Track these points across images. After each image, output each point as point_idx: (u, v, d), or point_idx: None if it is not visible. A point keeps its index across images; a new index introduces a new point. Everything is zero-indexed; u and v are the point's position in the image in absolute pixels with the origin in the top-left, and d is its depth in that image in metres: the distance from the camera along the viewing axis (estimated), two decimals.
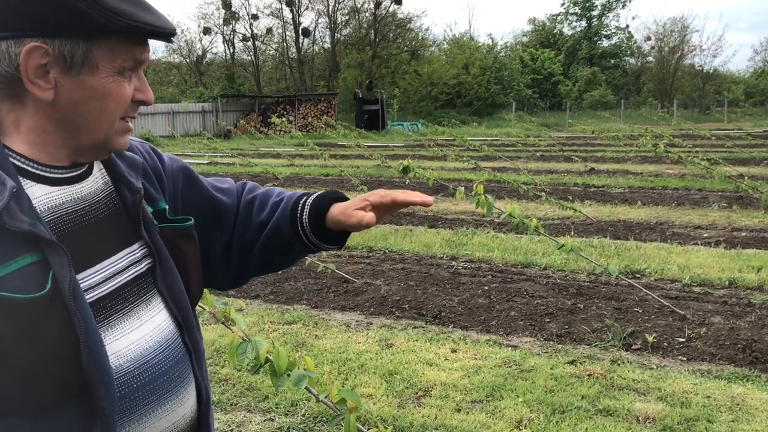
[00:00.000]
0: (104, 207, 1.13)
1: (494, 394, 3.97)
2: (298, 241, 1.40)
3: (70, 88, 1.02)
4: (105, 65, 1.03)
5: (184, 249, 1.24)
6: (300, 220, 1.39)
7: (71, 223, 1.07)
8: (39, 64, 1.00)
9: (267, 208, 1.43)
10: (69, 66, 1.01)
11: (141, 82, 1.10)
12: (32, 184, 1.04)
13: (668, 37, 50.72)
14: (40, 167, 1.06)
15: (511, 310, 5.47)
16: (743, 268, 6.36)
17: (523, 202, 10.50)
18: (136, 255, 1.15)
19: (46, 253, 0.98)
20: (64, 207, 1.07)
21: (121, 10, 1.00)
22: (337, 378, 4.22)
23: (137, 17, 1.01)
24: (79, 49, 1.01)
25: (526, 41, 58.85)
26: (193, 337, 1.22)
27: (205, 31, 47.61)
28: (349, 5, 46.89)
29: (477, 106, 44.04)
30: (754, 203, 9.80)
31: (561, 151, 19.56)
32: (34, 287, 0.96)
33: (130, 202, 1.16)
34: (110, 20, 0.99)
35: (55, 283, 0.97)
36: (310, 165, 17.84)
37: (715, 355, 4.53)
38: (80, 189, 1.10)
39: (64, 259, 0.99)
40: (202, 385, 1.23)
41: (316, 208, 1.39)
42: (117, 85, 1.05)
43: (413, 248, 7.62)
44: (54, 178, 1.07)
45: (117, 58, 1.04)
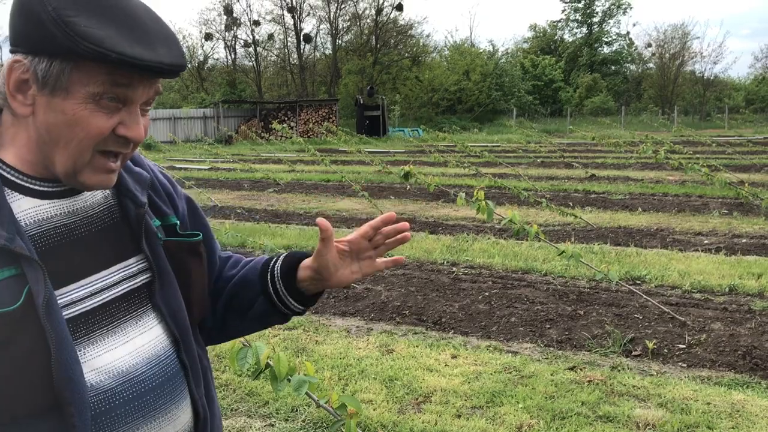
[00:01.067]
0: (99, 221, 1.12)
1: (494, 400, 3.97)
2: (263, 295, 1.33)
3: (44, 108, 1.00)
4: (78, 90, 0.99)
5: (187, 264, 1.22)
6: (271, 271, 1.32)
7: (59, 236, 1.06)
8: (21, 78, 1.00)
9: (239, 265, 1.40)
10: (42, 85, 0.99)
11: (131, 117, 1.03)
12: (20, 196, 1.04)
13: (669, 44, 50.85)
14: (30, 180, 1.06)
15: (512, 316, 5.47)
16: (744, 275, 6.36)
17: (524, 209, 10.50)
18: (132, 269, 1.13)
19: (24, 267, 0.98)
20: (52, 220, 1.06)
21: (90, 35, 0.95)
22: (337, 384, 4.22)
23: (107, 44, 0.95)
24: (52, 68, 0.98)
25: (527, 48, 58.96)
26: (190, 354, 1.19)
27: (206, 37, 47.79)
28: (350, 11, 47.08)
29: (478, 113, 44.12)
30: (755, 210, 9.81)
31: (562, 157, 19.58)
32: (8, 301, 0.96)
33: (134, 215, 1.15)
34: (75, 44, 0.95)
35: (29, 298, 0.97)
36: (311, 171, 17.86)
37: (715, 361, 4.53)
38: (72, 203, 1.10)
39: (39, 274, 0.98)
40: (198, 404, 1.20)
41: (290, 258, 1.32)
42: (89, 114, 1.00)
43: (414, 254, 7.62)
44: (44, 191, 1.07)
45: (91, 84, 0.99)
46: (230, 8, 46.76)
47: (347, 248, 1.28)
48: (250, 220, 10.53)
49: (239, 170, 18.14)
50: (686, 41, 50.15)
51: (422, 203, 11.77)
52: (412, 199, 12.21)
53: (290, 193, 13.64)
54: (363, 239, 1.28)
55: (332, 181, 14.96)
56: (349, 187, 12.62)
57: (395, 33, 47.65)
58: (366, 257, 1.30)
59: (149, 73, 1.01)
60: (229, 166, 19.59)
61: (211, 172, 18.22)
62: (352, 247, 1.29)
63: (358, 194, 10.65)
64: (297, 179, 15.84)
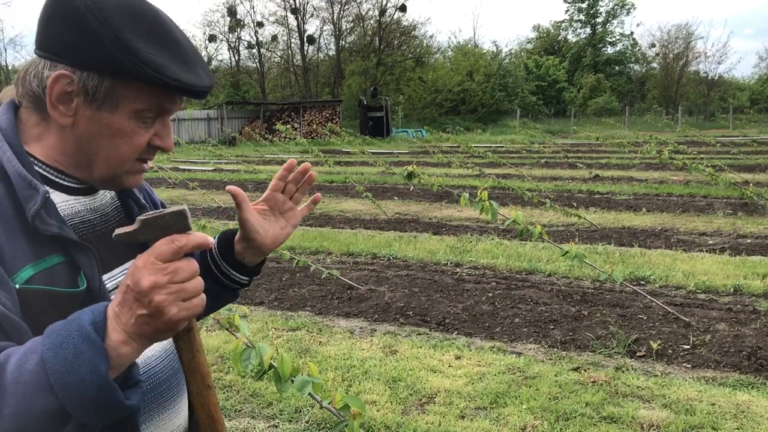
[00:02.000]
0: (113, 219, 1.18)
1: (498, 400, 3.96)
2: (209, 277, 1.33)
3: (88, 120, 1.04)
4: (126, 106, 1.04)
5: None
6: (210, 253, 1.35)
7: (86, 230, 1.11)
8: (64, 90, 1.03)
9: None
10: (91, 99, 1.03)
11: (164, 128, 1.11)
12: (52, 191, 1.07)
13: (673, 44, 50.79)
14: (59, 176, 1.09)
15: (516, 317, 5.47)
16: (748, 275, 6.34)
17: (528, 209, 10.50)
18: None
19: (74, 254, 1.02)
20: (79, 215, 1.11)
21: (152, 62, 1.00)
22: (341, 384, 4.22)
23: (167, 71, 1.01)
24: (103, 85, 1.02)
25: (531, 48, 58.92)
26: None
27: (210, 38, 47.87)
28: (353, 13, 47.11)
29: (481, 113, 44.11)
30: (760, 210, 9.78)
31: (565, 157, 19.55)
32: (65, 285, 1.00)
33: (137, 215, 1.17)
34: (138, 70, 1.00)
35: (88, 282, 1.02)
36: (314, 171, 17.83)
37: (719, 362, 4.51)
38: (93, 200, 1.15)
39: (92, 259, 1.04)
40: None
41: (224, 236, 1.36)
42: (133, 129, 1.06)
43: (417, 255, 7.62)
44: (71, 187, 1.11)
45: (138, 102, 1.04)
46: (234, 10, 46.86)
47: (265, 206, 1.32)
48: None
49: (243, 171, 18.16)
50: (690, 41, 50.11)
51: (426, 204, 11.76)
52: (415, 200, 12.21)
53: None
54: (276, 193, 1.32)
55: (336, 182, 14.96)
56: (352, 188, 12.62)
57: (398, 34, 47.67)
58: (288, 209, 1.34)
59: (194, 96, 1.08)
60: (233, 168, 19.61)
61: (214, 174, 18.24)
62: (269, 204, 1.32)
63: (362, 195, 10.65)
64: None
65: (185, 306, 0.89)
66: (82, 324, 0.87)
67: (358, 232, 9.16)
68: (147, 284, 0.87)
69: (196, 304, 0.91)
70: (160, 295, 0.87)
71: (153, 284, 0.87)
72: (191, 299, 0.90)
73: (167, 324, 0.89)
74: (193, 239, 0.91)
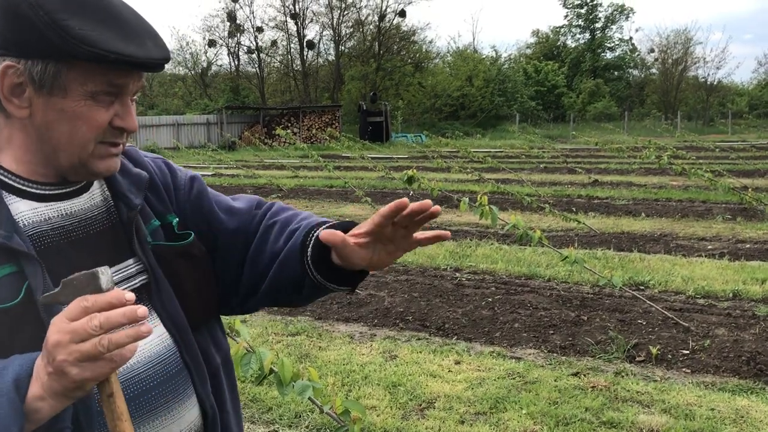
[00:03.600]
0: (98, 223, 1.14)
1: (498, 406, 3.97)
2: (307, 278, 1.23)
3: (43, 108, 1.03)
4: (76, 88, 1.02)
5: (177, 268, 1.21)
6: (306, 254, 1.21)
7: (57, 237, 1.08)
8: (14, 82, 1.02)
9: (283, 237, 1.27)
10: (39, 86, 1.02)
11: (124, 108, 1.08)
12: (17, 199, 1.06)
13: (671, 49, 50.85)
14: (27, 183, 1.08)
15: (515, 322, 5.47)
16: (747, 280, 6.35)
17: (527, 214, 10.50)
18: (130, 270, 1.15)
19: (23, 264, 1.00)
20: (49, 222, 1.08)
21: (87, 38, 0.98)
22: (340, 389, 4.22)
23: (105, 45, 0.99)
24: (47, 70, 1.01)
25: (530, 53, 59.00)
26: (192, 354, 1.19)
27: (210, 43, 47.92)
28: (353, 18, 47.17)
29: (481, 118, 44.14)
30: (759, 215, 9.79)
31: (565, 162, 19.57)
32: (8, 297, 0.99)
33: (126, 218, 1.17)
34: (73, 47, 0.98)
35: (29, 294, 0.99)
36: (314, 176, 17.88)
37: (719, 367, 4.52)
38: (70, 205, 1.12)
39: (38, 269, 1.00)
40: (206, 403, 1.21)
41: (320, 240, 1.17)
42: (88, 110, 1.04)
43: (417, 260, 7.62)
44: (40, 194, 1.09)
45: (88, 83, 1.02)
46: (233, 15, 46.92)
47: (368, 238, 1.15)
48: None
49: (243, 176, 18.18)
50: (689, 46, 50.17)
51: None
52: None
53: (294, 199, 13.65)
54: (380, 228, 1.13)
55: (335, 186, 14.98)
56: (352, 193, 12.63)
57: (398, 39, 47.73)
58: (399, 237, 1.15)
59: (142, 68, 1.05)
60: (233, 172, 19.63)
61: (214, 178, 18.25)
62: (373, 237, 1.15)
63: (362, 200, 10.67)
64: (300, 185, 15.86)
65: (89, 367, 0.87)
66: (5, 380, 0.88)
67: None
68: (51, 342, 0.87)
69: (101, 366, 0.88)
70: (61, 355, 0.86)
71: (56, 343, 0.87)
72: (95, 360, 0.87)
73: (73, 384, 0.88)
74: (101, 298, 0.89)
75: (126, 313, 0.88)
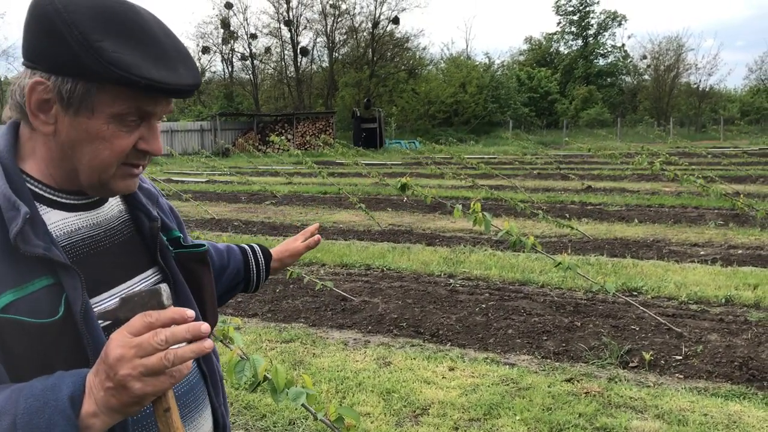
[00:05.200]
0: (119, 234, 1.16)
1: (492, 412, 3.97)
2: (243, 282, 1.72)
3: (68, 126, 1.03)
4: (103, 110, 1.01)
5: (198, 274, 1.26)
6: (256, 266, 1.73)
7: (87, 248, 1.09)
8: (42, 98, 1.01)
9: (223, 257, 1.67)
10: (67, 104, 1.01)
11: (150, 132, 1.08)
12: (48, 209, 1.07)
13: (664, 56, 51.13)
14: (56, 193, 1.08)
15: (509, 328, 5.48)
16: (740, 286, 6.38)
17: (521, 220, 10.53)
18: (152, 280, 1.17)
19: (60, 276, 1.00)
20: (80, 232, 1.09)
21: (120, 62, 0.97)
22: (335, 396, 4.22)
23: (136, 70, 0.98)
24: (77, 89, 1.00)
25: (523, 60, 59.23)
26: (209, 363, 1.23)
27: (203, 50, 47.90)
28: (347, 25, 47.28)
29: (474, 125, 44.25)
30: (751, 221, 9.84)
31: (558, 169, 19.63)
32: (48, 311, 0.98)
33: (148, 229, 1.19)
34: (105, 70, 0.97)
35: (68, 307, 1.00)
36: (308, 183, 17.88)
37: (711, 372, 4.54)
38: (96, 215, 1.13)
39: (77, 281, 1.01)
40: (218, 412, 1.23)
41: (266, 255, 1.76)
42: (113, 133, 1.03)
43: (411, 266, 7.63)
44: (69, 204, 1.10)
45: (116, 105, 1.01)
46: (227, 22, 46.96)
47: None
48: (247, 232, 10.53)
49: (236, 183, 18.16)
50: (681, 53, 50.46)
51: (419, 215, 11.79)
52: (409, 211, 12.23)
53: (288, 206, 13.65)
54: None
55: (329, 193, 14.98)
56: (346, 200, 12.63)
57: (392, 46, 47.86)
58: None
59: (172, 95, 1.05)
60: (227, 179, 19.60)
61: (208, 185, 18.23)
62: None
63: (356, 206, 10.67)
64: (294, 192, 15.85)
65: (151, 382, 0.88)
66: (61, 396, 0.88)
67: (351, 243, 9.16)
68: (113, 357, 0.88)
69: (162, 381, 0.89)
70: (125, 369, 0.87)
71: (119, 357, 0.87)
72: (157, 375, 0.88)
73: (133, 399, 0.89)
74: (164, 314, 0.91)
75: (190, 329, 0.90)
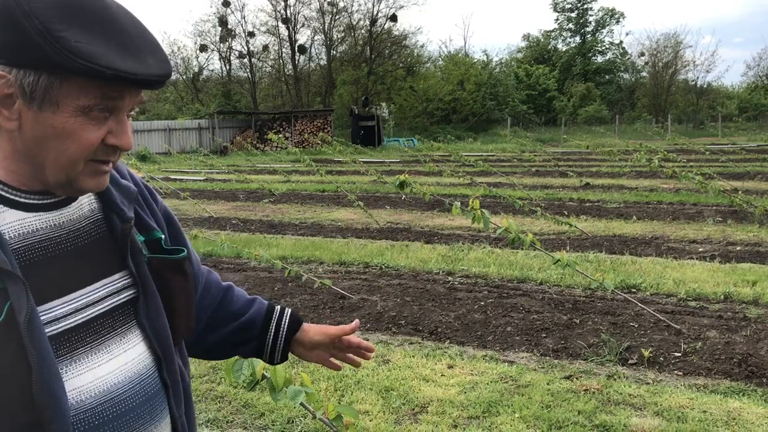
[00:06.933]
0: (86, 235, 1.10)
1: (491, 410, 3.96)
2: (257, 341, 1.49)
3: (32, 122, 0.97)
4: (68, 103, 0.97)
5: (171, 282, 1.19)
6: (276, 330, 1.49)
7: (44, 250, 1.03)
8: (4, 93, 0.96)
9: (239, 302, 1.50)
10: (30, 99, 0.96)
11: (119, 125, 1.02)
12: (5, 209, 1.02)
13: (662, 53, 51.17)
14: (15, 192, 1.03)
15: (508, 326, 5.47)
16: (738, 282, 6.38)
17: (519, 218, 10.53)
18: (117, 285, 1.11)
19: (6, 282, 0.95)
20: (37, 234, 1.03)
21: (82, 52, 0.92)
22: (333, 395, 4.21)
23: (100, 60, 0.93)
24: (39, 82, 0.95)
25: (521, 57, 59.21)
26: (172, 373, 1.17)
27: (201, 48, 47.83)
28: (344, 22, 47.23)
29: (472, 122, 44.24)
30: (749, 217, 9.84)
31: (556, 166, 19.63)
32: None
33: (120, 230, 1.12)
34: (68, 61, 0.92)
35: (11, 315, 0.94)
36: (306, 181, 17.87)
37: (711, 369, 4.53)
38: (58, 216, 1.07)
39: (21, 289, 0.95)
40: (177, 422, 1.17)
41: (295, 323, 1.51)
42: (80, 127, 0.98)
43: (409, 264, 7.62)
44: (29, 204, 1.04)
45: (82, 97, 0.97)
46: (225, 20, 46.87)
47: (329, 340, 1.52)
48: (245, 230, 10.52)
49: (234, 181, 18.14)
50: (679, 50, 50.51)
51: (417, 213, 11.78)
52: (407, 209, 12.22)
53: (286, 204, 13.63)
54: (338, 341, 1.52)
55: (328, 191, 14.96)
56: (344, 197, 12.62)
57: (390, 43, 47.82)
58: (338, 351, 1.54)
59: (140, 85, 0.99)
60: (225, 177, 19.59)
61: (206, 183, 18.21)
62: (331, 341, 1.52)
63: (354, 204, 10.66)
64: (292, 190, 15.84)
65: None
66: None
67: (350, 241, 9.15)
68: None
69: None
70: None
71: None
72: None
73: None
74: None
75: None
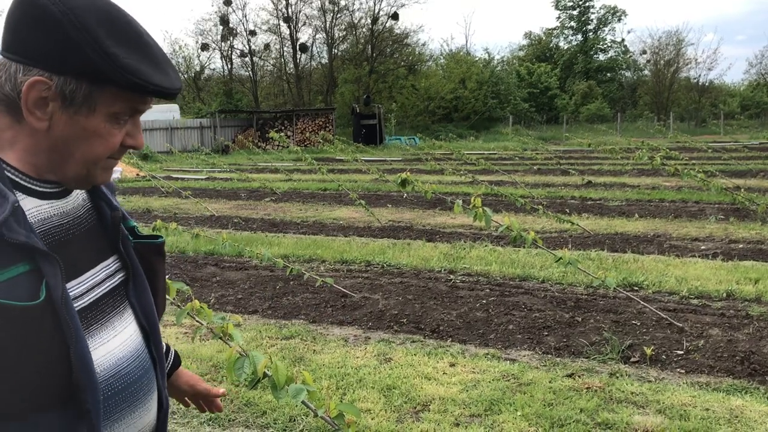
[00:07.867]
0: (85, 222, 1.19)
1: (493, 408, 3.96)
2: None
3: (64, 123, 1.06)
4: (103, 109, 1.07)
5: (155, 264, 1.31)
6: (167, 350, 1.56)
7: (58, 235, 1.12)
8: (40, 96, 1.04)
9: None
10: (68, 104, 1.05)
11: (135, 127, 1.14)
12: (24, 197, 1.08)
13: (664, 51, 51.07)
14: (31, 181, 1.10)
15: (510, 324, 5.47)
16: (741, 280, 6.37)
17: (521, 216, 10.51)
18: (111, 268, 1.21)
19: (39, 263, 1.02)
20: (51, 220, 1.11)
21: (131, 68, 1.03)
22: (335, 393, 4.21)
23: (145, 77, 1.04)
24: (81, 90, 1.04)
25: (523, 55, 59.17)
26: (158, 348, 1.27)
27: (203, 47, 47.82)
28: (346, 21, 47.19)
29: (474, 120, 44.19)
30: (751, 215, 9.83)
31: (558, 164, 19.62)
32: (25, 295, 1.00)
33: (110, 218, 1.23)
34: (119, 76, 1.02)
35: (49, 292, 1.01)
36: (307, 179, 17.87)
37: (713, 367, 4.53)
38: (65, 204, 1.16)
39: (57, 268, 1.03)
40: (163, 395, 1.29)
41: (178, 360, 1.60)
42: (108, 131, 1.09)
43: (411, 262, 7.62)
44: (43, 192, 1.12)
45: (115, 105, 1.07)
46: (226, 19, 46.84)
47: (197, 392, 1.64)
48: (247, 229, 10.52)
49: (236, 180, 18.14)
50: (681, 48, 50.40)
51: (419, 211, 11.77)
52: (409, 207, 12.22)
53: (287, 203, 13.63)
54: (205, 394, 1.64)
55: (329, 189, 14.96)
56: (346, 196, 12.61)
57: (391, 42, 47.75)
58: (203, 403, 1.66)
59: (166, 96, 1.11)
60: (226, 176, 19.59)
61: (208, 182, 18.22)
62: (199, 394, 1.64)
63: (355, 203, 10.65)
64: (294, 188, 15.83)
65: None
66: None
67: (351, 239, 9.15)
68: None
69: None
70: None
71: None
72: None
73: None
74: None
75: None
